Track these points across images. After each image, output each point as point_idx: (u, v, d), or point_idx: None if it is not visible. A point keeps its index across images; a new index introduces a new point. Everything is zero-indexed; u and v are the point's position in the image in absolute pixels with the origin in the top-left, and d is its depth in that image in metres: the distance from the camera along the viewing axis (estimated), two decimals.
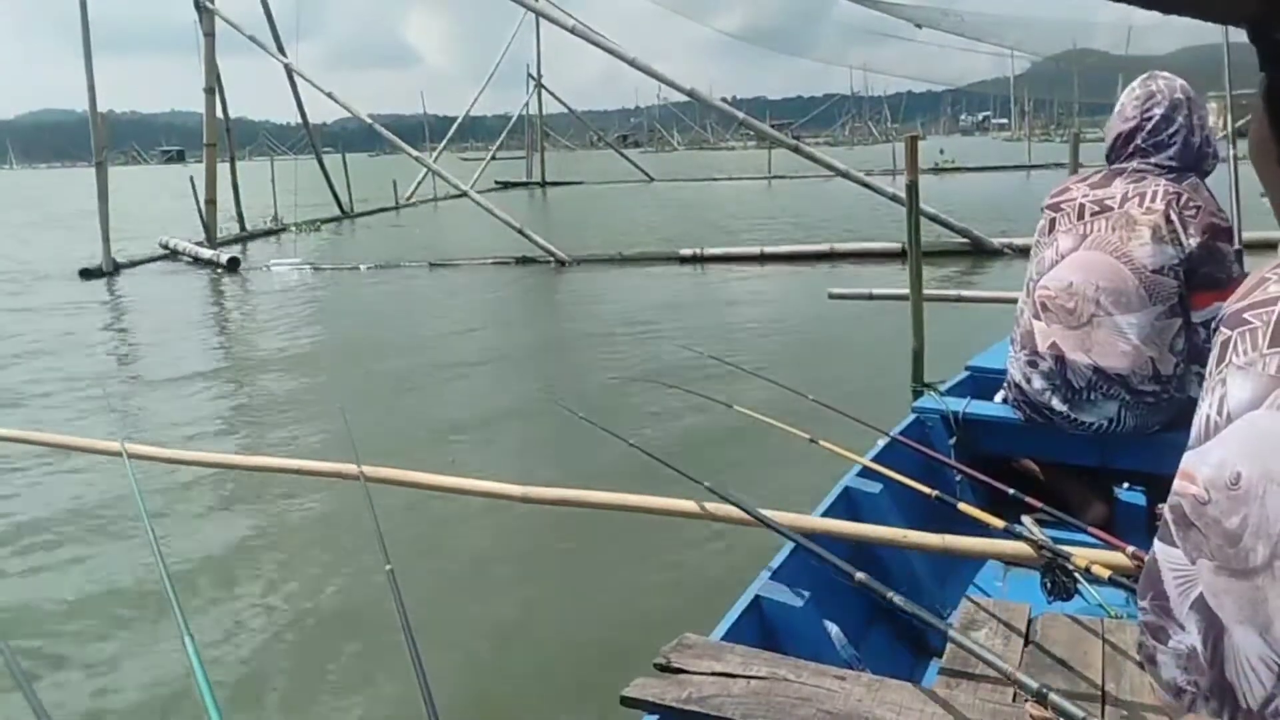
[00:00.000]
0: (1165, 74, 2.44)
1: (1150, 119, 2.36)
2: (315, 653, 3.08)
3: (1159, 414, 2.34)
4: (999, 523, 1.83)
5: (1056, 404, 2.42)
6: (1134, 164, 2.40)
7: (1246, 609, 0.59)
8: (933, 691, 1.37)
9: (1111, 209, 2.37)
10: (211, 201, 16.50)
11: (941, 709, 1.32)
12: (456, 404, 6.13)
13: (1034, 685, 1.28)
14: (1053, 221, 2.49)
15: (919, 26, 21.11)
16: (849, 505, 2.27)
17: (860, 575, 1.50)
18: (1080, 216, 2.42)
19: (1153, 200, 2.31)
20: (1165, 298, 2.27)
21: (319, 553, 3.82)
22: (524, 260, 13.30)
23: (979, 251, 11.56)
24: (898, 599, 1.42)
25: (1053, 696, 1.23)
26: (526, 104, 36.44)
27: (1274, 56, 0.30)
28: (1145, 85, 2.41)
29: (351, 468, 2.30)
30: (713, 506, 2.03)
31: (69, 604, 3.48)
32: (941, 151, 39.72)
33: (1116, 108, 2.46)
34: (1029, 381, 2.48)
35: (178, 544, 3.88)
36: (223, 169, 17.68)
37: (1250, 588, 0.59)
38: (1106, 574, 1.58)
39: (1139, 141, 2.38)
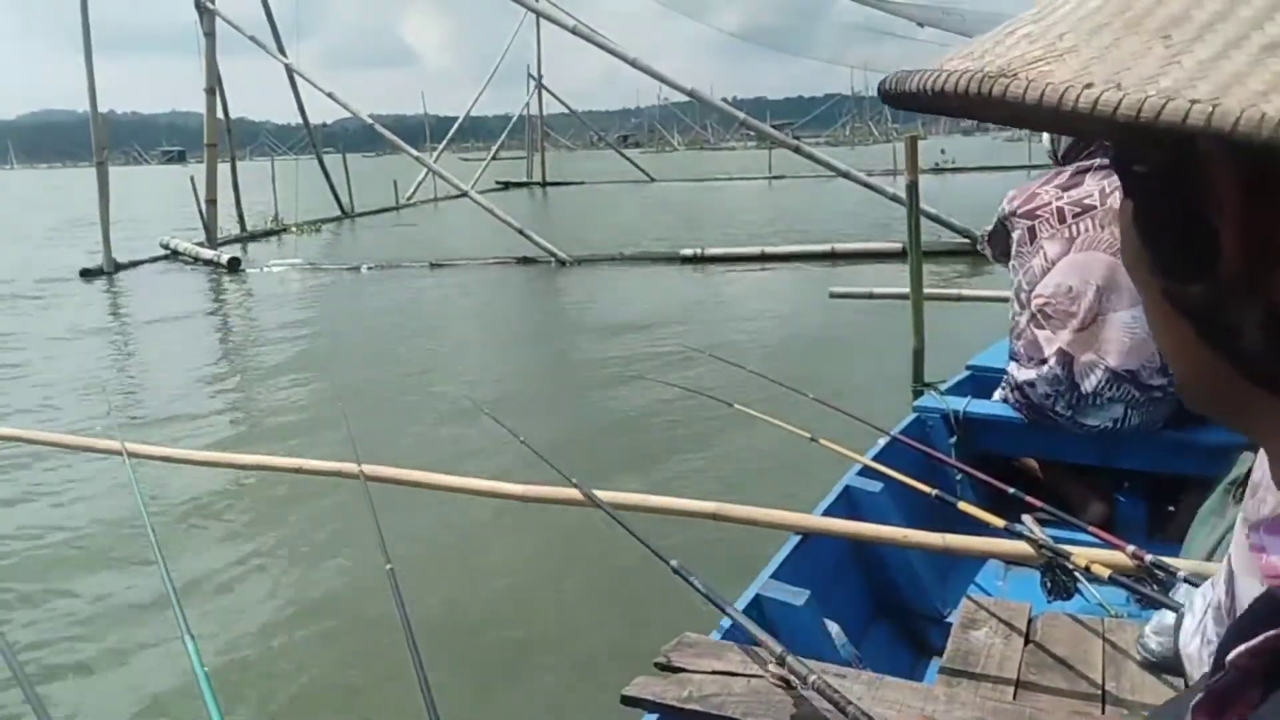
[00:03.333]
0: None
1: None
2: (316, 652, 3.08)
3: (1164, 409, 2.34)
4: (999, 522, 1.82)
5: (1061, 409, 2.42)
6: (1098, 160, 2.41)
7: (1247, 557, 0.61)
8: (933, 690, 1.37)
9: (1094, 207, 2.38)
10: (212, 202, 16.49)
11: (942, 707, 1.31)
12: (455, 402, 6.12)
13: (777, 649, 1.28)
14: (1031, 230, 2.48)
15: (921, 25, 21.07)
16: (849, 504, 2.27)
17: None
18: (1061, 220, 2.42)
19: None
20: None
21: (319, 552, 3.82)
22: (525, 260, 13.29)
23: (980, 251, 11.55)
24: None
25: (790, 660, 1.24)
26: (527, 104, 36.47)
27: (1135, 188, 0.31)
28: None
29: (351, 467, 2.30)
30: (714, 507, 2.03)
31: (69, 602, 3.47)
32: (943, 151, 39.67)
33: None
34: (1033, 387, 2.47)
35: (178, 543, 3.88)
36: (223, 169, 17.67)
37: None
38: (1107, 573, 1.58)
39: None
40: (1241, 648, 0.29)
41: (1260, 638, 0.28)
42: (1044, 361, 2.43)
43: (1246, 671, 0.29)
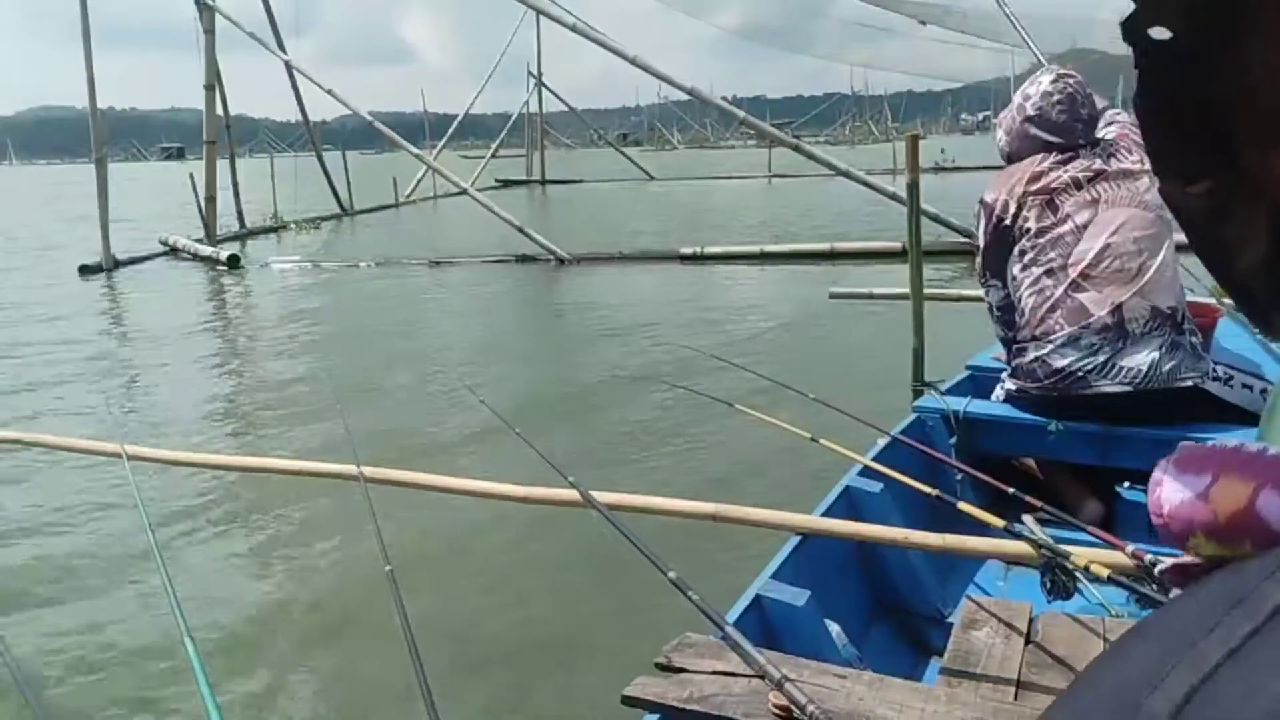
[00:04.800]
0: (1062, 69, 2.68)
1: (1080, 110, 2.57)
2: (316, 653, 3.08)
3: (1185, 359, 2.40)
4: (999, 522, 1.83)
5: (1104, 354, 2.41)
6: (1070, 153, 2.55)
7: None
8: (934, 690, 1.37)
9: (1105, 170, 2.50)
10: (211, 199, 16.47)
11: (943, 707, 1.31)
12: (455, 401, 6.13)
13: (776, 675, 1.28)
14: (1050, 202, 2.53)
15: (923, 24, 21.08)
16: (850, 504, 2.27)
17: None
18: (1079, 188, 2.51)
19: (1129, 152, 2.50)
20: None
21: (318, 554, 3.82)
22: (524, 258, 13.28)
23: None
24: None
25: (788, 687, 1.24)
26: (526, 102, 36.41)
27: (1149, 61, 0.27)
28: (1059, 84, 2.59)
29: (351, 469, 2.30)
30: (713, 508, 2.03)
31: (69, 605, 3.47)
32: (943, 151, 39.57)
33: (1033, 112, 2.60)
34: (1076, 340, 2.45)
35: (177, 545, 3.87)
36: (223, 166, 17.65)
37: None
38: (1106, 573, 1.58)
39: (1080, 137, 2.58)
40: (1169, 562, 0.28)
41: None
42: (1090, 319, 2.45)
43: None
